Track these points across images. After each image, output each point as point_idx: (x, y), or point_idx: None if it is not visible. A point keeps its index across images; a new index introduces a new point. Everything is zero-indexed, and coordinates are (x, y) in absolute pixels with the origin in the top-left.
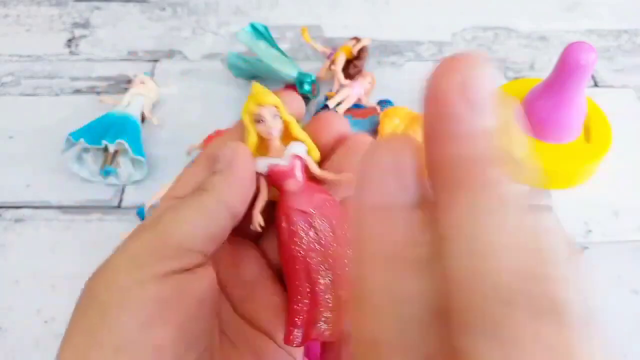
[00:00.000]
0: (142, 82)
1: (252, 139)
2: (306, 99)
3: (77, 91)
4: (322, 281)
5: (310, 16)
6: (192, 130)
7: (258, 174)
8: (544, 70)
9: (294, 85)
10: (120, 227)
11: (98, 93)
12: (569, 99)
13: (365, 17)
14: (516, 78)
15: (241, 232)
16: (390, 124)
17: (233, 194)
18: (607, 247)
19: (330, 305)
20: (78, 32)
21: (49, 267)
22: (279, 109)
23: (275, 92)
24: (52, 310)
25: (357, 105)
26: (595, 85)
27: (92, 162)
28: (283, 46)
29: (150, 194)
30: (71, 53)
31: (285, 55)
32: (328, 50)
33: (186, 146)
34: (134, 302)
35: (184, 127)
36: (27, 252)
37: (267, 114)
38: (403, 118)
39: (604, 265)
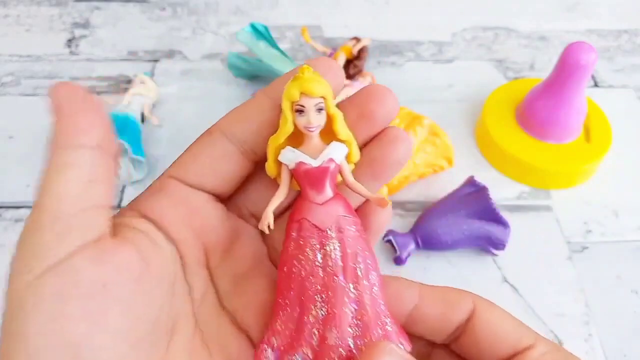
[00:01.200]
0: (142, 82)
1: (288, 129)
2: None
3: None
4: (313, 312)
5: (310, 16)
6: (192, 130)
7: (283, 165)
8: (544, 70)
9: None
10: None
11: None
12: (569, 99)
13: (365, 17)
14: (516, 78)
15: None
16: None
17: (241, 128)
18: (607, 247)
19: (314, 343)
20: (78, 32)
21: None
22: (326, 101)
23: (309, 61)
24: None
25: None
26: (595, 85)
27: None
28: (283, 46)
29: None
30: (71, 53)
31: (285, 55)
32: (328, 50)
33: (186, 146)
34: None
35: (184, 127)
36: None
37: (310, 106)
38: (403, 118)
39: (604, 265)
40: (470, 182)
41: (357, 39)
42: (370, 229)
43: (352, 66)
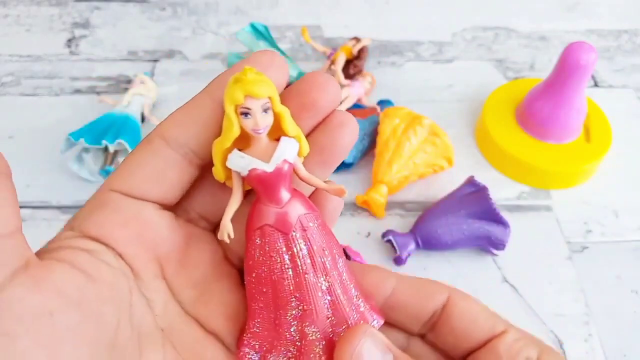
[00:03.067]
0: (142, 82)
1: (234, 133)
2: None
3: (77, 91)
4: (290, 313)
5: (310, 16)
6: None
7: (232, 171)
8: (544, 70)
9: None
10: None
11: (98, 93)
12: (569, 99)
13: (365, 17)
14: (516, 78)
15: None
16: (390, 124)
17: (182, 132)
18: (607, 247)
19: (295, 339)
20: (78, 32)
21: None
22: (272, 101)
23: (253, 55)
24: None
25: (357, 105)
26: (595, 85)
27: (92, 162)
28: (283, 46)
29: None
30: (71, 53)
31: (285, 55)
32: (328, 50)
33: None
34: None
35: None
36: None
37: (257, 108)
38: (403, 118)
39: (604, 265)
40: (470, 182)
41: (357, 39)
42: (325, 218)
43: (352, 66)
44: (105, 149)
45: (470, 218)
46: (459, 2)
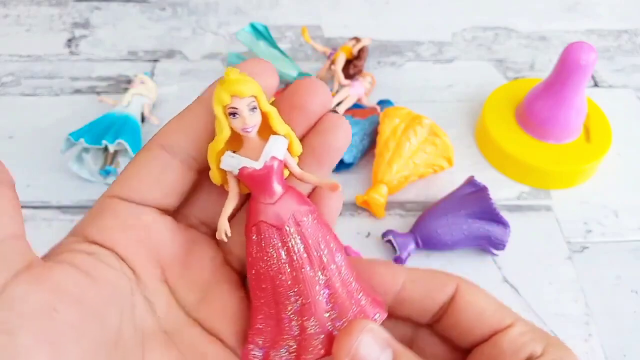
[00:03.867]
0: (142, 82)
1: (225, 134)
2: None
3: (77, 91)
4: (290, 307)
5: (310, 16)
6: None
7: (227, 173)
8: (544, 70)
9: None
10: None
11: (98, 93)
12: (569, 99)
13: (365, 17)
14: (516, 78)
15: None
16: (390, 124)
17: (179, 138)
18: (607, 247)
19: (295, 334)
20: (78, 32)
21: None
22: (258, 100)
23: (244, 63)
24: None
25: (357, 105)
26: (595, 85)
27: (92, 162)
28: (283, 46)
29: None
30: (71, 53)
31: (285, 55)
32: (328, 50)
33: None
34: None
35: None
36: None
37: (243, 107)
38: (403, 118)
39: (604, 265)
40: (470, 182)
41: (357, 39)
42: (326, 217)
43: (352, 66)
44: (105, 149)
45: (470, 218)
46: (459, 2)
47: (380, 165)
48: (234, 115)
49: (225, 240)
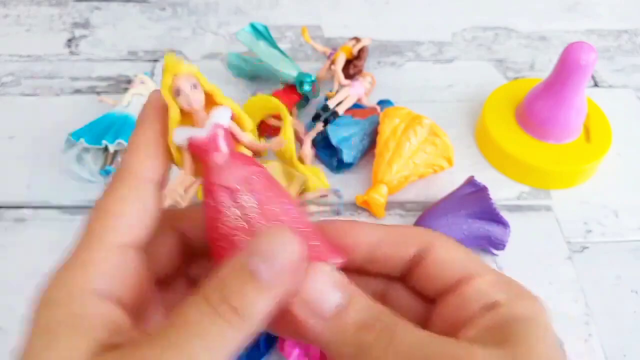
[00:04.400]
0: (143, 82)
1: (174, 113)
2: (306, 98)
3: (77, 91)
4: None
5: (310, 16)
6: None
7: (181, 149)
8: (544, 70)
9: (293, 85)
10: None
11: (98, 93)
12: (569, 99)
13: (365, 17)
14: (516, 78)
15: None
16: (390, 124)
17: (139, 160)
18: (607, 247)
19: None
20: (78, 32)
21: (49, 267)
22: (198, 79)
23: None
24: None
25: (357, 105)
26: (595, 85)
27: (92, 162)
28: (283, 46)
29: None
30: (71, 53)
31: (285, 55)
32: (328, 50)
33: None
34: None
35: None
36: (27, 252)
37: (185, 84)
38: (403, 118)
39: (604, 265)
40: (470, 182)
41: (357, 39)
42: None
43: (352, 66)
44: (106, 148)
45: (470, 218)
46: (459, 2)
47: (380, 165)
48: (178, 94)
49: (182, 204)
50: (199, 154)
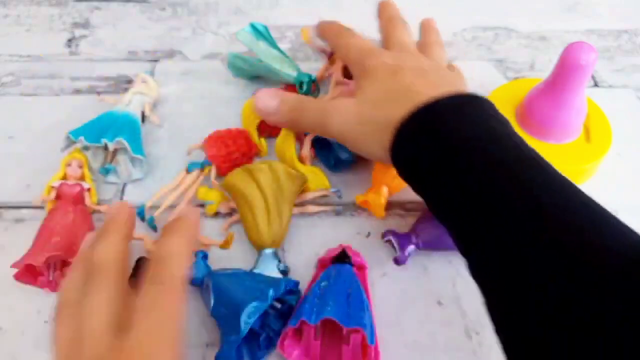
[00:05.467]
0: (144, 81)
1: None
2: None
3: (77, 91)
4: None
5: (310, 16)
6: (192, 130)
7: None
8: (544, 70)
9: (293, 85)
10: None
11: (98, 93)
12: (569, 99)
13: (365, 17)
14: (516, 78)
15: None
16: None
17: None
18: None
19: None
20: (78, 32)
21: None
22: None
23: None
24: (52, 311)
25: None
26: (595, 85)
27: (92, 160)
28: (283, 46)
29: (150, 193)
30: (71, 53)
31: (285, 55)
32: (328, 50)
33: (186, 146)
34: None
35: (184, 127)
36: None
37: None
38: None
39: None
40: None
41: None
42: None
43: None
44: (105, 147)
45: None
46: (459, 2)
47: (381, 165)
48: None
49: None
50: None
